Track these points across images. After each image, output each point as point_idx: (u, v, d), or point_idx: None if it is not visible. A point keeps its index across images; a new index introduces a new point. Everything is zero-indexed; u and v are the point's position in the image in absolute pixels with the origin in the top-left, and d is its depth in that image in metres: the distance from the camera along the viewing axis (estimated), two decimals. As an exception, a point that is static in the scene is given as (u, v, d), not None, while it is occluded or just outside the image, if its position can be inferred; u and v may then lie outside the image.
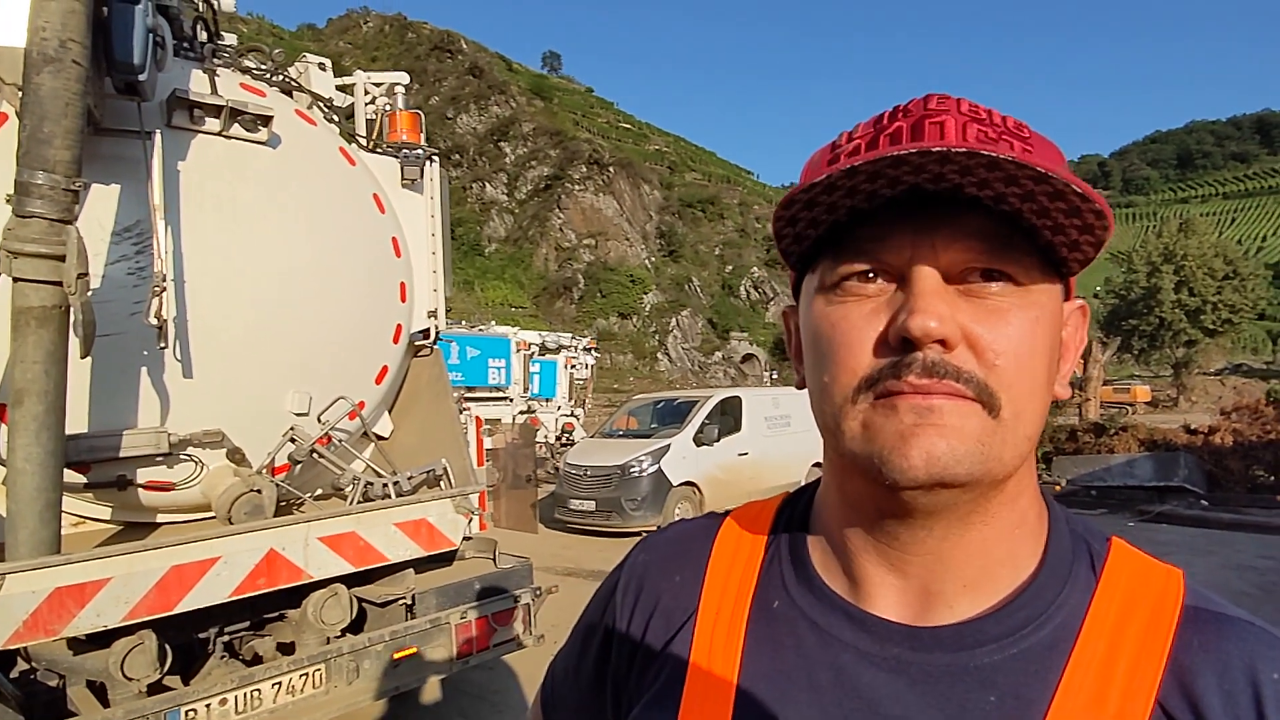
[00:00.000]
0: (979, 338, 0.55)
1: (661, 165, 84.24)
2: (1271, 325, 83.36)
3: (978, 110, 0.58)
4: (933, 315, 0.53)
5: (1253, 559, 8.81)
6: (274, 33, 77.33)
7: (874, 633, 0.61)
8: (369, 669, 3.60)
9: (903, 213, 0.56)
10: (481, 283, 53.94)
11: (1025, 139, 0.57)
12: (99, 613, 2.76)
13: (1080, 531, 0.65)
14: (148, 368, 3.25)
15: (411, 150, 4.51)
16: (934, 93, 0.59)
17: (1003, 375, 0.55)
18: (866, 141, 0.58)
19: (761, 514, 0.77)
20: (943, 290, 0.55)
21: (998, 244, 0.56)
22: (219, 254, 3.41)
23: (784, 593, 0.68)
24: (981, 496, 0.58)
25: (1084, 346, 0.66)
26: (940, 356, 0.54)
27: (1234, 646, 0.55)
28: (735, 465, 11.12)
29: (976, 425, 0.54)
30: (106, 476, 3.30)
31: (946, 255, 0.56)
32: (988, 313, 0.56)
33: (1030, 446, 0.58)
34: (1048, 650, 0.57)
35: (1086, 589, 0.60)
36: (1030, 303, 0.57)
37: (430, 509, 3.83)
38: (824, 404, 0.60)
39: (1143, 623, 0.57)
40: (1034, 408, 0.57)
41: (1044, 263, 0.58)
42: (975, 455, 0.54)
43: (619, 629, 0.76)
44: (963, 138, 0.55)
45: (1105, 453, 14.38)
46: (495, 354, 16.95)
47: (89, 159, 2.84)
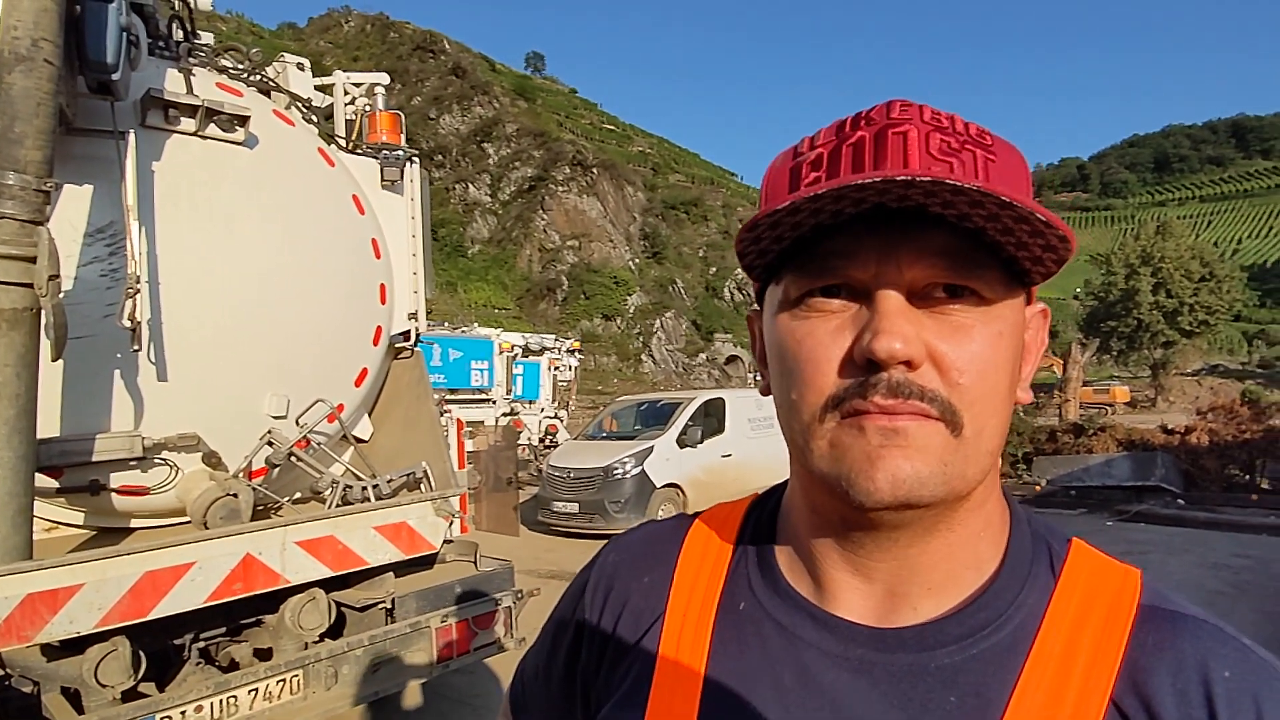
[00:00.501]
0: (943, 356, 0.55)
1: (645, 167, 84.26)
2: (1247, 327, 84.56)
3: (940, 118, 0.58)
4: (898, 336, 0.54)
5: (1227, 557, 8.92)
6: (253, 31, 76.74)
7: (838, 634, 0.62)
8: (348, 674, 3.57)
9: (867, 228, 0.56)
10: (464, 284, 53.74)
11: (988, 147, 0.57)
12: (72, 619, 2.72)
13: (1041, 532, 0.66)
14: (121, 370, 3.21)
15: (391, 151, 4.48)
16: (897, 99, 0.59)
17: (966, 393, 0.55)
18: (829, 151, 0.58)
19: (730, 516, 0.77)
20: (907, 310, 0.55)
21: (962, 260, 0.56)
22: (194, 255, 3.37)
23: (750, 594, 0.68)
24: (948, 508, 0.59)
25: (1044, 348, 0.66)
26: (905, 376, 0.54)
27: (1188, 645, 0.56)
28: (719, 467, 11.13)
29: (940, 444, 0.55)
30: (79, 481, 3.25)
31: (911, 272, 0.56)
32: (952, 330, 0.56)
33: (993, 460, 0.59)
34: (1007, 650, 0.58)
35: (1045, 589, 0.61)
36: (994, 318, 0.57)
37: (410, 512, 3.81)
38: (791, 420, 0.60)
39: (1099, 622, 0.58)
40: (995, 423, 0.58)
41: (1007, 275, 0.58)
42: (939, 476, 0.55)
43: (589, 629, 0.77)
44: (925, 149, 0.55)
45: (1084, 453, 14.54)
46: (478, 356, 16.89)
47: (61, 159, 2.80)
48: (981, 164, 0.55)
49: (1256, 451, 13.41)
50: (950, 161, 0.55)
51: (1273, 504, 11.50)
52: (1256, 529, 10.37)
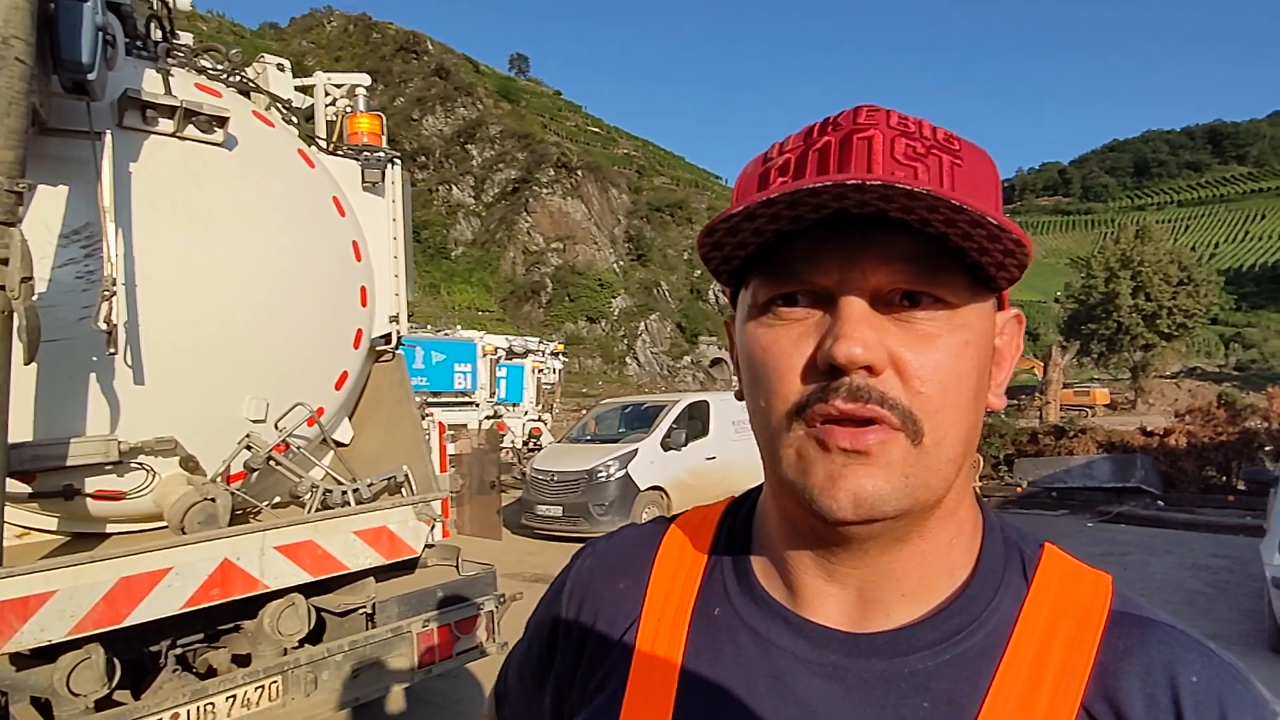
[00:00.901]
0: (906, 364, 0.55)
1: (630, 169, 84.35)
2: (1224, 330, 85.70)
3: (907, 123, 0.58)
4: (858, 341, 0.53)
5: (1206, 558, 9.02)
6: (235, 31, 76.23)
7: (812, 639, 0.62)
8: (328, 680, 3.54)
9: (830, 233, 0.55)
10: (448, 286, 53.56)
11: (955, 151, 0.57)
12: (43, 627, 2.68)
13: (1014, 539, 0.66)
14: (97, 374, 3.16)
15: (373, 152, 4.44)
16: (865, 105, 0.59)
17: (928, 402, 0.55)
18: (796, 156, 0.59)
19: (706, 520, 0.77)
20: (869, 316, 0.55)
21: (925, 266, 0.55)
22: (172, 258, 3.32)
23: (725, 600, 0.68)
24: (918, 517, 0.59)
25: (1019, 354, 0.66)
26: (866, 381, 0.54)
27: (1156, 651, 0.57)
28: (703, 470, 11.14)
29: (901, 457, 0.55)
30: (53, 486, 3.19)
31: (874, 278, 0.56)
32: (916, 338, 0.56)
33: (957, 468, 0.58)
34: (980, 656, 0.58)
35: (1018, 595, 0.61)
36: (959, 324, 0.57)
37: (391, 516, 3.78)
38: (761, 427, 0.61)
39: (1071, 628, 0.59)
40: (957, 432, 0.57)
41: (973, 280, 0.58)
42: (900, 490, 0.55)
43: (563, 633, 0.76)
44: (890, 153, 0.55)
45: (1065, 454, 14.66)
46: (461, 359, 16.83)
47: (35, 159, 2.75)
48: (947, 169, 0.55)
49: (1233, 453, 13.57)
50: (915, 166, 0.55)
51: (1248, 505, 11.63)
52: (1234, 529, 10.49)
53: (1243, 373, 58.81)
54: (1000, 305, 0.63)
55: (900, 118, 0.58)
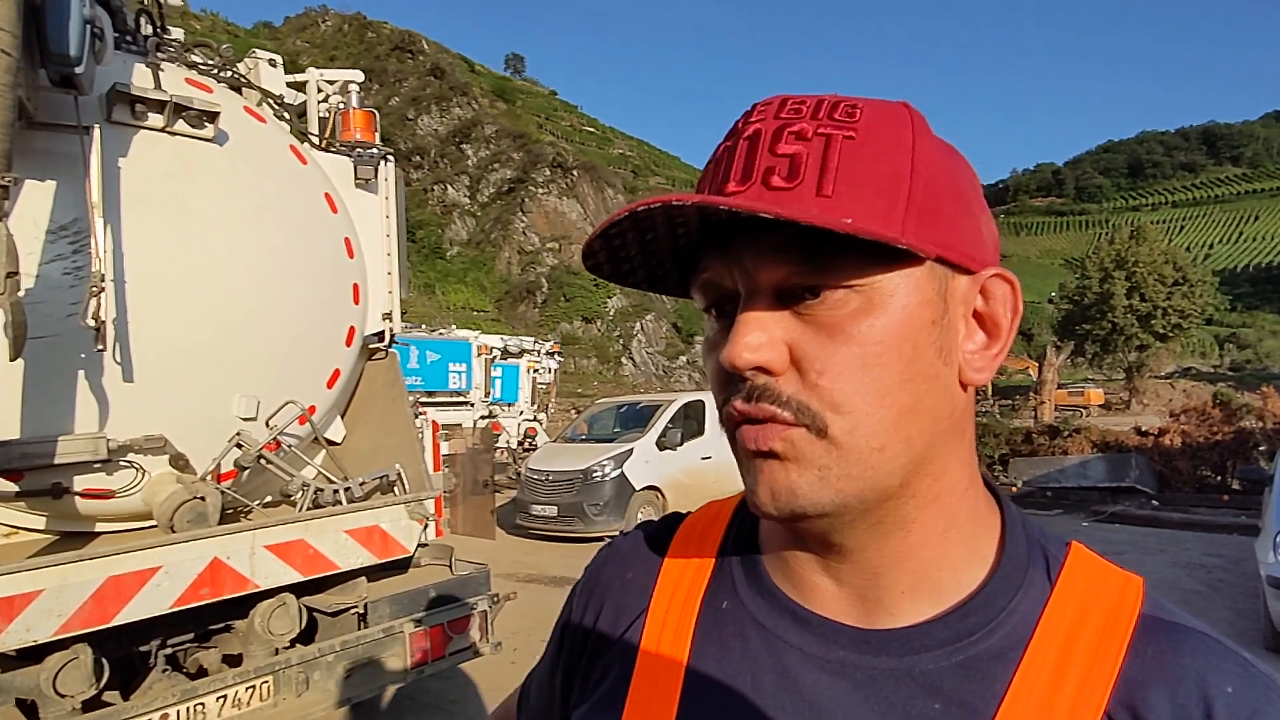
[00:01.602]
0: (802, 357, 0.53)
1: (625, 169, 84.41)
2: (1219, 330, 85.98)
3: (801, 107, 0.55)
4: (741, 347, 0.53)
5: (1200, 557, 9.04)
6: (229, 30, 76.09)
7: (820, 635, 0.60)
8: (319, 680, 3.51)
9: (723, 238, 0.56)
10: (443, 286, 53.52)
11: (849, 124, 0.54)
12: (29, 627, 2.64)
13: (1037, 536, 0.62)
14: (85, 371, 3.13)
15: (365, 149, 4.41)
16: (765, 98, 0.59)
17: (826, 393, 0.53)
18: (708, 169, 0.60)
19: (719, 516, 0.75)
20: (763, 316, 0.54)
21: (813, 252, 0.52)
22: (162, 253, 3.29)
23: (733, 593, 0.67)
24: (880, 508, 0.56)
25: (1017, 317, 0.59)
26: (764, 381, 0.54)
27: (1188, 660, 0.54)
28: (698, 469, 11.12)
29: (807, 450, 0.53)
30: (41, 484, 3.16)
31: (766, 274, 0.54)
32: (816, 329, 0.53)
33: (886, 456, 0.54)
34: (996, 658, 0.55)
35: (1041, 596, 0.58)
36: (870, 304, 0.53)
37: (383, 515, 3.75)
38: None
39: (1096, 632, 0.56)
40: (880, 418, 0.53)
41: (888, 250, 0.51)
42: (815, 485, 0.53)
43: (572, 625, 0.77)
44: (769, 147, 0.54)
45: (1060, 454, 14.70)
46: (456, 358, 16.77)
47: (22, 154, 2.72)
48: (835, 146, 0.52)
49: (1227, 453, 13.63)
50: (793, 153, 0.53)
51: (1243, 504, 11.66)
52: (1228, 529, 10.52)
53: (1237, 373, 58.97)
54: (968, 269, 0.56)
55: (795, 103, 0.56)
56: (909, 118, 0.56)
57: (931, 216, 0.53)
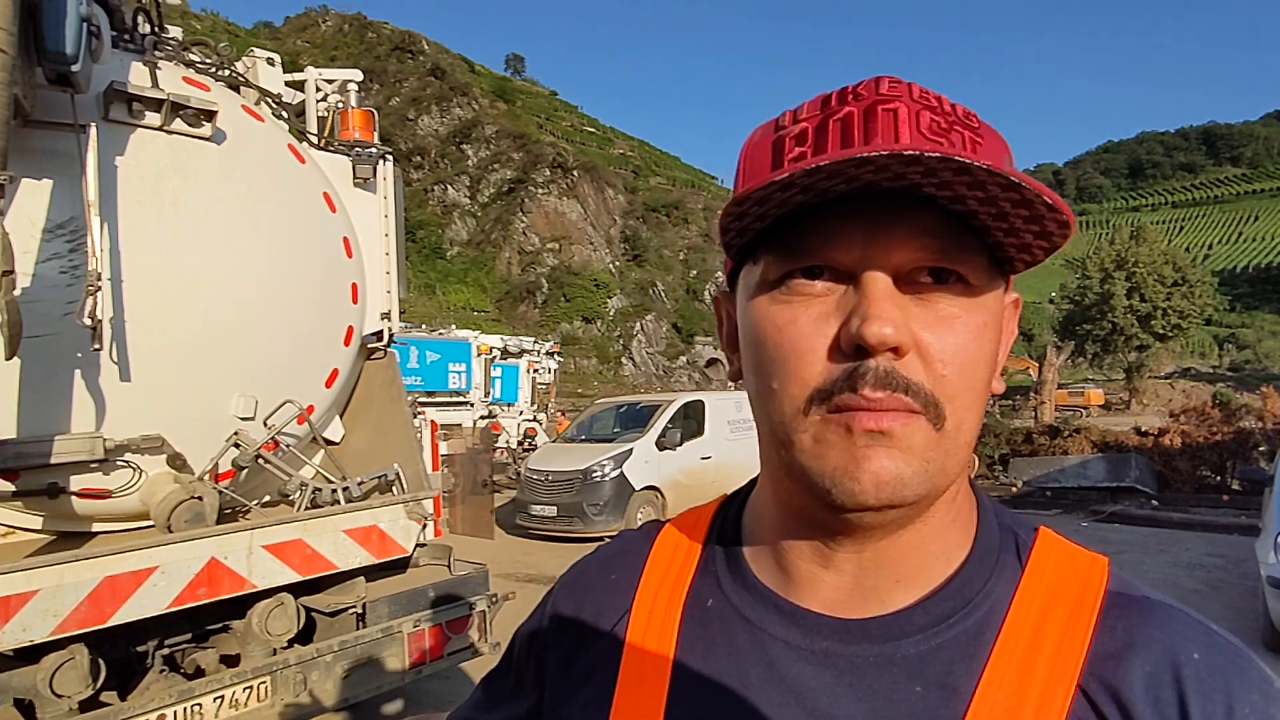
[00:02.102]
0: (928, 346, 0.53)
1: (626, 169, 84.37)
2: (1218, 331, 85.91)
3: (929, 97, 0.56)
4: (888, 321, 0.51)
5: (1200, 557, 9.03)
6: (229, 30, 76.07)
7: (804, 626, 0.61)
8: (317, 680, 3.50)
9: (853, 207, 0.53)
10: (443, 286, 53.52)
11: (975, 129, 0.55)
12: (25, 627, 2.64)
13: (1008, 522, 0.65)
14: (82, 370, 3.12)
15: (364, 148, 4.41)
16: (885, 75, 0.57)
17: (948, 386, 0.54)
18: (814, 125, 0.56)
19: (700, 517, 0.76)
20: (895, 294, 0.53)
21: (951, 243, 0.54)
22: (159, 252, 3.28)
23: (718, 590, 0.67)
24: (927, 504, 0.58)
25: (1014, 338, 0.65)
26: (892, 366, 0.52)
27: (1156, 630, 0.56)
28: (698, 469, 11.11)
29: (923, 441, 0.53)
30: (37, 484, 3.15)
31: (899, 255, 0.53)
32: (937, 319, 0.54)
33: (969, 452, 0.57)
34: (973, 639, 0.57)
35: (1013, 577, 0.60)
36: (977, 306, 0.55)
37: (381, 515, 3.75)
38: (771, 412, 0.57)
39: (1066, 609, 0.58)
40: (974, 416, 0.56)
41: (990, 262, 0.56)
42: (921, 475, 0.53)
43: (553, 626, 0.76)
44: (916, 127, 0.53)
45: (1060, 454, 14.70)
46: (455, 358, 16.77)
47: (19, 152, 2.72)
48: (969, 145, 0.54)
49: (1227, 453, 13.63)
50: (940, 141, 0.53)
51: (1243, 504, 11.65)
52: (1228, 529, 10.52)
53: (1237, 373, 58.94)
54: (1007, 289, 0.61)
55: (922, 91, 0.56)
56: (1003, 138, 0.58)
57: None
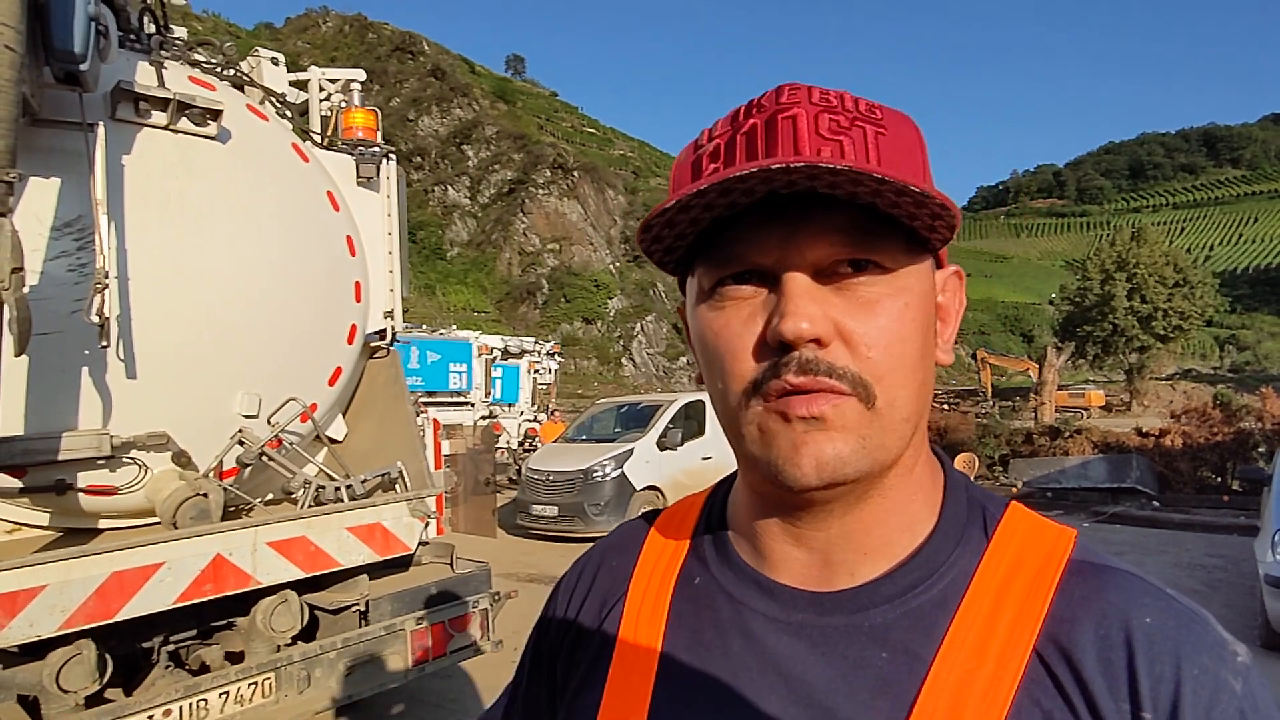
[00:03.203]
0: (851, 332, 0.57)
1: (626, 170, 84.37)
2: (1219, 332, 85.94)
3: (829, 98, 0.59)
4: (803, 317, 0.55)
5: (1201, 557, 9.04)
6: (230, 31, 76.06)
7: (781, 600, 0.65)
8: (320, 677, 3.52)
9: (767, 214, 0.57)
10: (443, 287, 53.52)
11: (878, 121, 0.59)
12: (32, 622, 2.65)
13: (978, 497, 0.68)
14: (89, 368, 3.14)
15: (367, 147, 4.42)
16: (788, 83, 0.61)
17: (875, 366, 0.57)
18: (725, 141, 0.60)
19: (693, 505, 0.81)
20: (812, 290, 0.57)
21: (860, 235, 0.57)
22: (165, 251, 3.30)
23: (705, 570, 0.72)
24: (876, 477, 0.61)
25: (963, 308, 0.69)
26: (815, 354, 0.56)
27: (1113, 595, 0.58)
28: (699, 469, 11.12)
29: (856, 420, 0.57)
30: (44, 480, 3.17)
31: (813, 252, 0.57)
32: (858, 305, 0.58)
33: (912, 427, 0.60)
34: (936, 607, 0.60)
35: (978, 549, 0.63)
36: (899, 288, 0.59)
37: (384, 513, 3.76)
38: (721, 408, 0.63)
39: (1029, 578, 0.60)
40: (908, 391, 0.59)
41: (908, 243, 0.59)
42: (859, 453, 0.57)
43: (560, 617, 0.80)
44: (815, 130, 0.57)
45: (1060, 455, 14.69)
46: (456, 359, 16.79)
47: (27, 151, 2.73)
48: (871, 139, 0.57)
49: (1228, 453, 13.63)
50: (840, 140, 0.57)
51: (1243, 504, 11.65)
52: (1228, 529, 10.53)
53: (1237, 374, 58.90)
54: (939, 264, 0.66)
55: (822, 93, 0.59)
56: (914, 125, 0.62)
57: None
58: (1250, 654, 0.56)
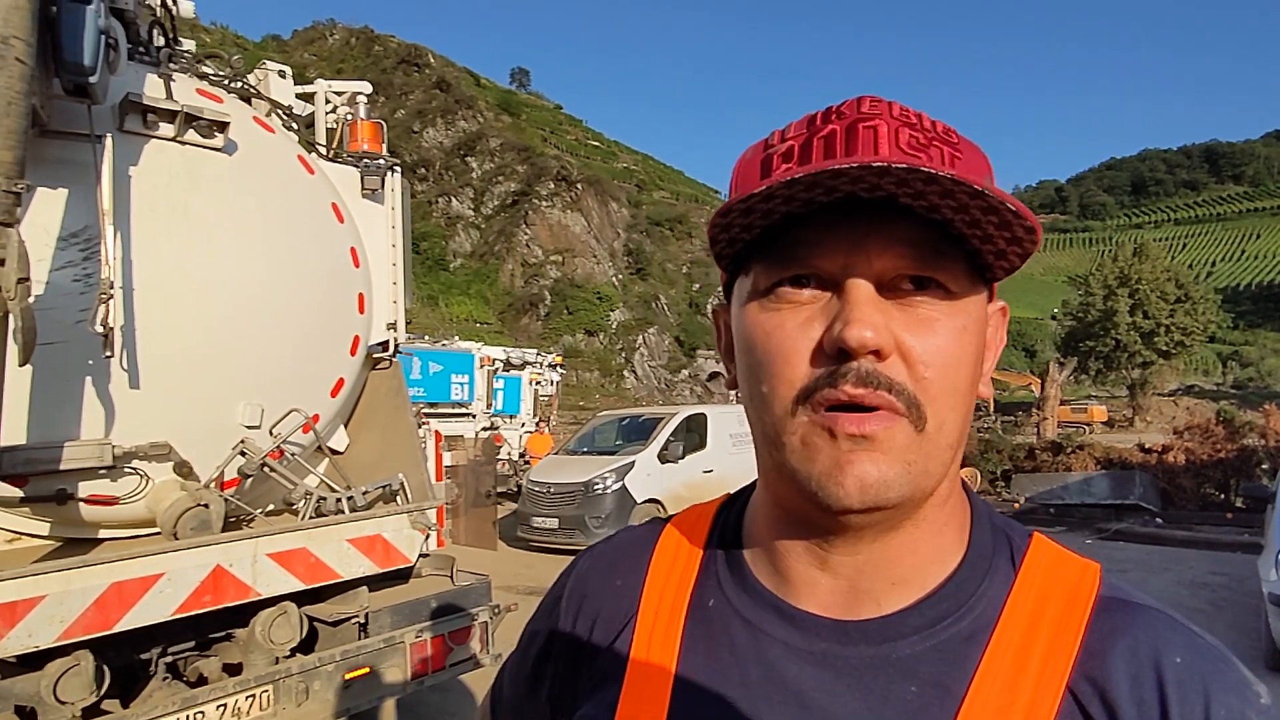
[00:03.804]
0: (910, 348, 0.56)
1: (630, 183, 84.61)
2: (1222, 348, 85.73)
3: (909, 114, 0.59)
4: (868, 325, 0.54)
5: (1205, 575, 8.99)
6: (238, 43, 76.48)
7: (802, 628, 0.63)
8: (319, 690, 3.50)
9: (836, 218, 0.56)
10: (446, 298, 53.61)
11: (954, 144, 0.58)
12: (31, 632, 2.64)
13: (1001, 526, 0.67)
14: (92, 377, 3.14)
15: (372, 160, 4.44)
16: (867, 95, 0.60)
17: (929, 387, 0.56)
18: (800, 143, 0.59)
19: (701, 518, 0.78)
20: (877, 300, 0.56)
21: (929, 251, 0.57)
22: (170, 261, 3.31)
23: (719, 592, 0.69)
24: (913, 505, 0.59)
25: (1003, 345, 0.68)
26: (874, 366, 0.55)
27: (1141, 633, 0.58)
28: (700, 482, 11.10)
29: (904, 443, 0.56)
30: (45, 490, 3.17)
31: (880, 262, 0.56)
32: (918, 323, 0.57)
33: (954, 454, 0.59)
34: (966, 640, 0.59)
35: (1006, 581, 0.62)
36: (958, 311, 0.58)
37: (385, 525, 3.75)
38: (763, 414, 0.60)
39: (1057, 612, 0.59)
40: (956, 417, 0.58)
41: (971, 270, 0.59)
42: (904, 477, 0.56)
43: (561, 634, 0.78)
44: (895, 143, 0.56)
45: (1063, 471, 14.65)
46: (458, 369, 16.79)
47: (36, 162, 2.74)
48: (948, 160, 0.56)
49: (1231, 470, 13.58)
50: (919, 156, 0.56)
51: (1247, 522, 11.60)
52: (1232, 547, 10.47)
53: (1240, 390, 58.77)
54: (990, 297, 0.64)
55: (902, 109, 0.59)
56: (984, 153, 0.61)
57: None
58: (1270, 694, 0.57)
